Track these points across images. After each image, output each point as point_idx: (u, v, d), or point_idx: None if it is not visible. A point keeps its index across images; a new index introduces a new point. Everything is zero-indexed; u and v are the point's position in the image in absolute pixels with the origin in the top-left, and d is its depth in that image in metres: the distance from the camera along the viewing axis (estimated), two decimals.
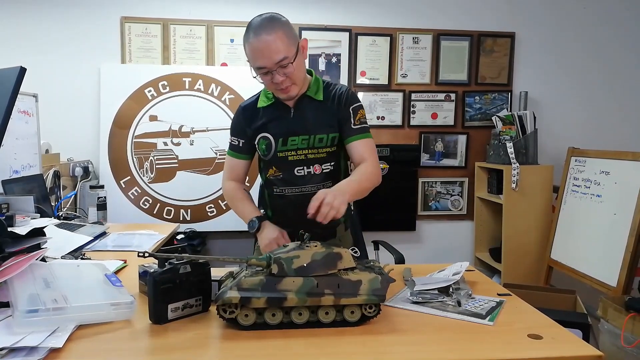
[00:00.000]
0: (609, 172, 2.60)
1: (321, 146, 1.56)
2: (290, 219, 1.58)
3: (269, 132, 1.57)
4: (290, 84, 1.46)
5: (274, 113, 1.57)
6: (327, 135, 1.55)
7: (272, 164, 1.59)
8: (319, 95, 1.57)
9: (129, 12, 3.08)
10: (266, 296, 1.03)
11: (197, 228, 3.04)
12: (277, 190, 1.61)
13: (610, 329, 2.06)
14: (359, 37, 3.25)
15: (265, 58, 1.39)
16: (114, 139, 3.00)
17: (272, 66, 1.40)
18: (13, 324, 0.98)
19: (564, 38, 3.43)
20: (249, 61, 1.45)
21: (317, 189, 1.46)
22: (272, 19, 1.42)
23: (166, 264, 1.10)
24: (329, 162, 1.58)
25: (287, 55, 1.41)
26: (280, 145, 1.56)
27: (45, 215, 2.04)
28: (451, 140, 3.40)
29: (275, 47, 1.38)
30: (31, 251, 1.22)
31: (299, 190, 1.58)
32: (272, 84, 1.46)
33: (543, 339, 1.04)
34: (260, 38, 1.38)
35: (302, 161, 1.56)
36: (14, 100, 1.42)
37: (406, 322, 1.13)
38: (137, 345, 1.00)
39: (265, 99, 1.59)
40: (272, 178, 1.61)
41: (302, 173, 1.57)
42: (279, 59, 1.40)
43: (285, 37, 1.41)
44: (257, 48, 1.39)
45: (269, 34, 1.38)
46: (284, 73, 1.43)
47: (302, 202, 1.48)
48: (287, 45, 1.41)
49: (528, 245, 3.04)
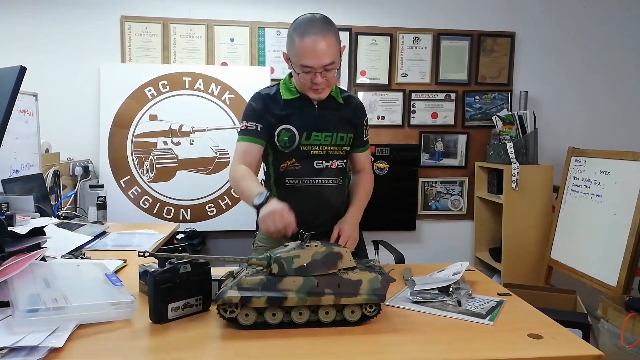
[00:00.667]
0: (609, 172, 2.60)
1: (342, 144, 1.63)
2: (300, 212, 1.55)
3: (292, 125, 1.58)
4: (326, 86, 1.53)
5: (298, 106, 1.59)
6: (347, 134, 1.64)
7: (292, 156, 1.60)
8: (339, 98, 1.65)
9: (128, 11, 3.08)
10: (266, 296, 1.03)
11: (197, 228, 3.04)
12: (290, 182, 1.62)
13: (610, 328, 2.06)
14: (359, 37, 3.25)
15: (316, 59, 1.44)
16: (113, 139, 3.00)
17: (319, 68, 1.46)
18: (13, 323, 0.98)
19: (564, 38, 3.43)
20: (293, 56, 1.48)
21: (330, 183, 1.62)
22: (328, 21, 1.48)
23: (166, 263, 1.10)
24: (344, 159, 1.68)
25: (334, 61, 1.47)
26: (304, 139, 1.58)
27: (45, 214, 2.04)
28: (451, 140, 3.40)
29: (328, 52, 1.44)
30: (31, 251, 1.22)
31: (315, 182, 1.61)
32: (310, 83, 1.50)
33: (543, 338, 1.04)
34: (317, 39, 1.42)
35: (323, 156, 1.61)
36: (14, 99, 1.42)
37: (406, 322, 1.13)
38: (138, 344, 1.00)
39: (289, 92, 1.60)
40: (288, 169, 1.62)
41: (321, 166, 1.62)
42: (328, 62, 1.45)
43: (336, 43, 1.48)
44: (310, 48, 1.43)
45: (325, 37, 1.43)
46: (325, 76, 1.48)
47: (315, 194, 1.62)
48: (336, 51, 1.48)
49: (528, 245, 3.04)
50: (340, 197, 1.69)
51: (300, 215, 1.50)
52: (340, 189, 1.68)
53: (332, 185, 1.63)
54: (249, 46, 3.14)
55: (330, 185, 1.63)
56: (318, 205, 1.61)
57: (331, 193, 1.63)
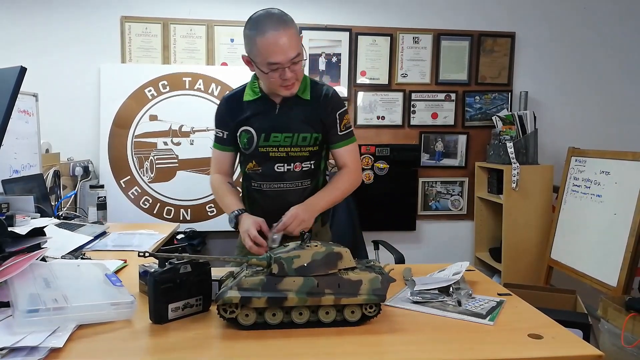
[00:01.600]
0: (609, 172, 2.60)
1: (304, 145, 1.55)
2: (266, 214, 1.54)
3: (251, 126, 1.55)
4: (295, 80, 1.46)
5: (259, 107, 1.55)
6: (311, 134, 1.55)
7: (252, 158, 1.58)
8: (306, 94, 1.55)
9: (129, 11, 3.08)
10: (266, 296, 1.03)
11: (197, 228, 3.04)
12: (254, 185, 1.61)
13: (610, 328, 2.06)
14: (359, 37, 3.25)
15: (282, 54, 1.38)
16: (114, 139, 3.00)
17: (287, 63, 1.40)
18: (13, 323, 0.98)
19: (564, 38, 3.43)
20: (256, 57, 1.41)
21: (294, 186, 1.56)
22: (284, 15, 1.42)
23: (166, 263, 1.10)
24: (310, 160, 1.59)
25: (299, 52, 1.42)
26: (262, 141, 1.54)
27: (45, 215, 2.04)
28: (451, 140, 3.40)
29: (291, 44, 1.39)
30: (31, 251, 1.22)
31: (278, 186, 1.57)
32: (280, 80, 1.43)
33: (543, 338, 1.04)
34: (278, 35, 1.36)
35: (284, 158, 1.55)
36: (14, 100, 1.42)
37: (406, 322, 1.13)
38: (138, 345, 1.00)
39: (252, 93, 1.56)
40: (250, 172, 1.61)
41: (282, 170, 1.57)
42: (294, 55, 1.40)
43: (297, 35, 1.42)
44: (274, 44, 1.37)
45: (286, 30, 1.38)
46: (294, 70, 1.43)
47: (279, 198, 1.57)
48: (298, 42, 1.42)
49: (528, 245, 3.04)
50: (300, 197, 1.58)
51: (267, 218, 1.49)
52: (308, 191, 1.59)
53: (297, 189, 1.57)
54: None
55: (295, 189, 1.57)
56: (283, 208, 1.47)
57: (298, 197, 1.56)
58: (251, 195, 1.65)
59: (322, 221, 1.72)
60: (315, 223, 1.66)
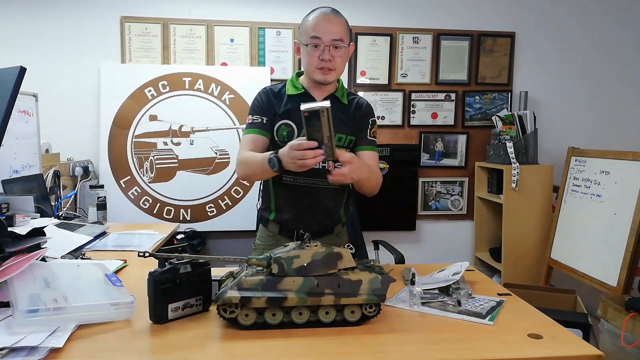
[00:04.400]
0: (609, 172, 2.60)
1: (339, 145, 1.61)
2: (293, 208, 1.61)
3: (292, 120, 1.59)
4: (333, 67, 1.54)
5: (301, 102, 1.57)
6: (346, 136, 1.62)
7: None
8: (344, 99, 1.66)
9: (128, 11, 3.08)
10: (266, 296, 1.03)
11: (197, 228, 3.04)
12: (286, 179, 1.62)
13: (610, 328, 2.06)
14: (359, 37, 3.25)
15: (326, 31, 1.50)
16: (114, 139, 3.00)
17: (328, 42, 1.51)
18: (13, 323, 0.98)
19: (564, 38, 3.43)
20: (303, 34, 1.54)
21: (325, 185, 1.60)
22: (338, 11, 1.58)
23: (166, 263, 1.10)
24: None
25: (343, 39, 1.53)
26: (302, 135, 1.56)
27: (45, 215, 2.04)
28: (451, 140, 3.40)
29: (338, 28, 1.52)
30: (31, 251, 1.22)
31: (311, 182, 1.60)
32: (317, 60, 1.53)
33: (543, 338, 1.04)
34: (329, 16, 1.53)
35: None
36: (14, 100, 1.42)
37: (406, 322, 1.13)
38: (137, 345, 1.00)
39: (294, 88, 1.63)
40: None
41: (317, 166, 1.57)
42: (337, 37, 1.52)
43: (347, 27, 1.56)
44: (323, 20, 1.51)
45: (337, 16, 1.54)
46: (333, 55, 1.52)
47: (309, 193, 1.60)
48: (346, 33, 1.55)
49: (528, 245, 3.05)
50: (336, 199, 1.67)
51: (293, 212, 1.53)
52: (337, 191, 1.66)
53: (328, 188, 1.62)
54: (249, 46, 3.14)
55: (325, 187, 1.61)
56: (312, 204, 1.60)
57: (326, 194, 1.62)
58: (278, 190, 1.65)
59: (342, 223, 1.75)
60: (337, 225, 1.72)
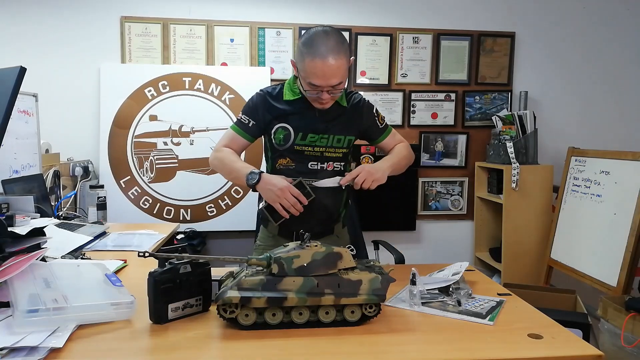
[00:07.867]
0: (609, 172, 2.60)
1: (338, 146, 1.64)
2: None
3: (289, 124, 1.59)
4: (330, 101, 1.55)
5: (298, 107, 1.60)
6: (345, 137, 1.64)
7: (286, 155, 1.62)
8: (343, 101, 1.66)
9: (128, 11, 3.08)
10: (266, 296, 1.03)
11: (197, 228, 3.04)
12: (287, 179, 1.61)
13: (610, 328, 2.06)
14: (359, 37, 3.25)
15: (324, 81, 1.46)
16: (114, 139, 3.00)
17: (326, 87, 1.48)
18: (13, 323, 0.98)
19: (564, 38, 3.43)
20: (301, 72, 1.50)
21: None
22: (340, 38, 1.48)
23: (166, 263, 1.10)
24: (341, 161, 1.67)
25: (342, 81, 1.50)
26: (299, 139, 1.59)
27: (45, 215, 2.04)
28: (451, 140, 3.40)
29: (337, 73, 1.46)
30: (31, 251, 1.22)
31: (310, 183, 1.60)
32: (316, 98, 1.52)
33: (543, 338, 1.04)
34: (327, 62, 1.43)
35: (318, 157, 1.62)
36: (14, 100, 1.42)
37: (406, 322, 1.13)
38: (137, 345, 1.00)
39: (291, 93, 1.62)
40: (282, 168, 1.63)
41: (316, 167, 1.62)
42: (336, 83, 1.48)
43: (346, 64, 1.48)
44: (320, 70, 1.44)
45: (336, 58, 1.44)
46: (332, 93, 1.51)
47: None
48: (344, 72, 1.49)
49: (528, 245, 3.04)
50: (335, 199, 1.68)
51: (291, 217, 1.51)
52: (336, 190, 1.65)
53: (327, 187, 1.61)
54: (249, 46, 3.14)
55: (325, 187, 1.61)
56: (311, 206, 1.56)
57: (326, 194, 1.61)
58: None
59: (342, 223, 1.76)
60: (337, 224, 1.73)
